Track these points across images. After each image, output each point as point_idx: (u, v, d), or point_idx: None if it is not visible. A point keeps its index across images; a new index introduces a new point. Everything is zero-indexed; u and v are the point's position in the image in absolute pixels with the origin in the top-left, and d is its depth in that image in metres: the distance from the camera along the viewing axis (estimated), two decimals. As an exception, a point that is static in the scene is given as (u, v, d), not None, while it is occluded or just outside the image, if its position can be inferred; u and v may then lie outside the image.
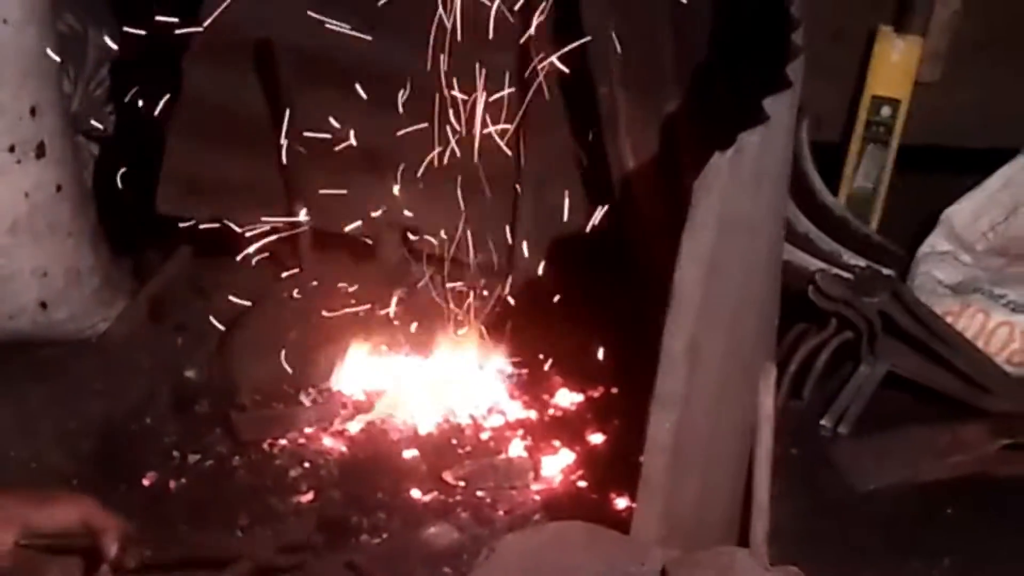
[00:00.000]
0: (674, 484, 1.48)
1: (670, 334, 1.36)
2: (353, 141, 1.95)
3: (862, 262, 2.29)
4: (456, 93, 1.91)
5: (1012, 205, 2.52)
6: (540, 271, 2.06)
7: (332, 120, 1.95)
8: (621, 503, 1.73)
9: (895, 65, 2.47)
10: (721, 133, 1.32)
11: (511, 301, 2.05)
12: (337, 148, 1.95)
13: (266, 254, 2.04)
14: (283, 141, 1.98)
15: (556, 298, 2.02)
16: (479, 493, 1.76)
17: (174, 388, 1.96)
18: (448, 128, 1.93)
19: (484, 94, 1.92)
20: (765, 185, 1.38)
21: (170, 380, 1.98)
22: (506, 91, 1.94)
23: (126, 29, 1.97)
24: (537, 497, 1.77)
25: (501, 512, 1.73)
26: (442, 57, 1.88)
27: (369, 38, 1.91)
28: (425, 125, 1.92)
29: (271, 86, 2.01)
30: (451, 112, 1.93)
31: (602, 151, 2.08)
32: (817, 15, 2.13)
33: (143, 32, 1.89)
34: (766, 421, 1.67)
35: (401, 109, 1.93)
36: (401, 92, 1.94)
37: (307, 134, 1.96)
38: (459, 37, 1.86)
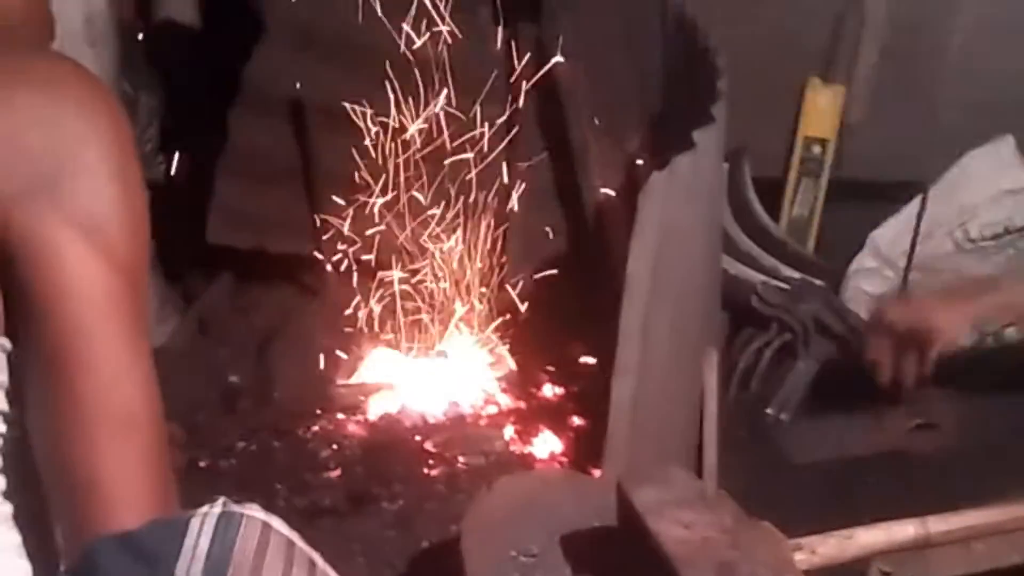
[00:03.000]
0: (634, 440, 1.81)
1: (625, 315, 1.68)
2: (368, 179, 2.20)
3: (798, 275, 2.56)
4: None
5: (927, 230, 2.74)
6: (530, 283, 2.31)
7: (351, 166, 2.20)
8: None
9: (823, 110, 2.75)
10: (661, 159, 1.69)
11: (506, 308, 2.31)
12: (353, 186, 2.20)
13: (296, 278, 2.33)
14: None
15: (543, 306, 2.28)
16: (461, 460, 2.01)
17: (221, 391, 2.21)
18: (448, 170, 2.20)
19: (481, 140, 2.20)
20: (697, 199, 1.75)
21: (217, 385, 2.22)
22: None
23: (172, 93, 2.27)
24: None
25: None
26: (440, 115, 2.16)
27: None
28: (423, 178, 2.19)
29: (301, 135, 2.29)
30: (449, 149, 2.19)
31: (576, 182, 2.37)
32: (755, 69, 2.48)
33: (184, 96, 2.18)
34: (711, 395, 2.02)
35: (407, 154, 2.19)
36: (408, 140, 2.19)
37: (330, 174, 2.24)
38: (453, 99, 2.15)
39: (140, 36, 2.59)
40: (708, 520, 1.46)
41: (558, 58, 2.27)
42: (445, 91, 2.17)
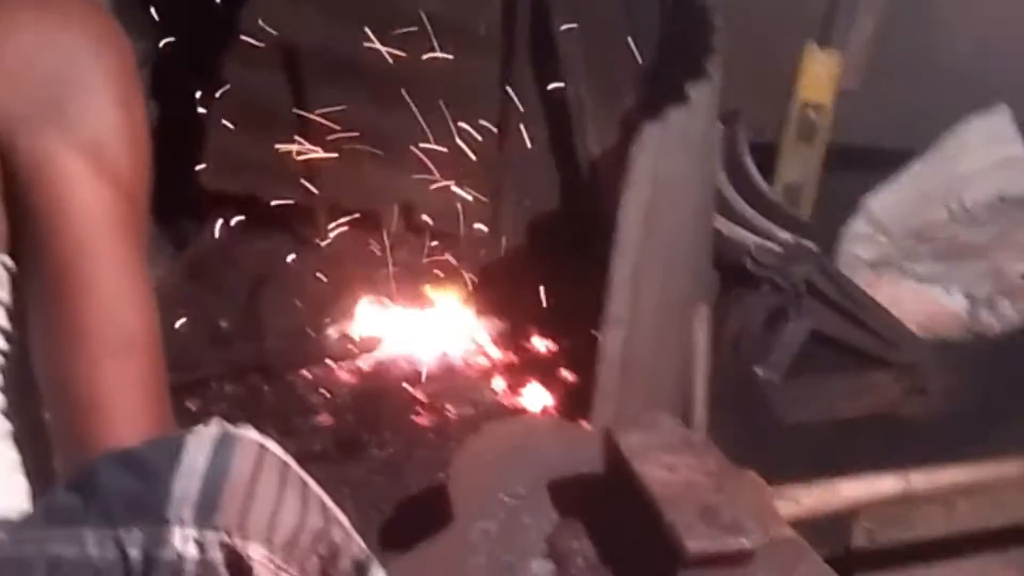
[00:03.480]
0: (623, 392, 1.83)
1: (616, 265, 1.71)
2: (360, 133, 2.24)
3: (791, 238, 2.56)
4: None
5: (921, 196, 2.80)
6: (522, 241, 2.36)
7: (345, 113, 2.24)
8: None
9: (820, 75, 2.72)
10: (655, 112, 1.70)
11: (495, 267, 2.34)
12: (348, 135, 2.23)
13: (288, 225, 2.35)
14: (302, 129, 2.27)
15: (536, 259, 2.31)
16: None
17: (211, 335, 2.23)
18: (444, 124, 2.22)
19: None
20: (690, 152, 1.76)
21: (207, 330, 2.24)
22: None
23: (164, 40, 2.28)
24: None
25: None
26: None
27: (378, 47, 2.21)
28: (422, 120, 2.22)
29: (295, 83, 2.30)
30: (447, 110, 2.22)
31: (572, 142, 2.39)
32: (753, 34, 2.50)
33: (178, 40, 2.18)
34: (701, 351, 2.04)
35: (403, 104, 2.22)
36: (403, 91, 2.22)
37: (323, 122, 2.24)
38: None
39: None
40: (693, 464, 1.47)
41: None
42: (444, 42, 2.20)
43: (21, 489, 1.07)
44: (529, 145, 2.33)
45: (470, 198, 2.30)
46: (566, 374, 2.18)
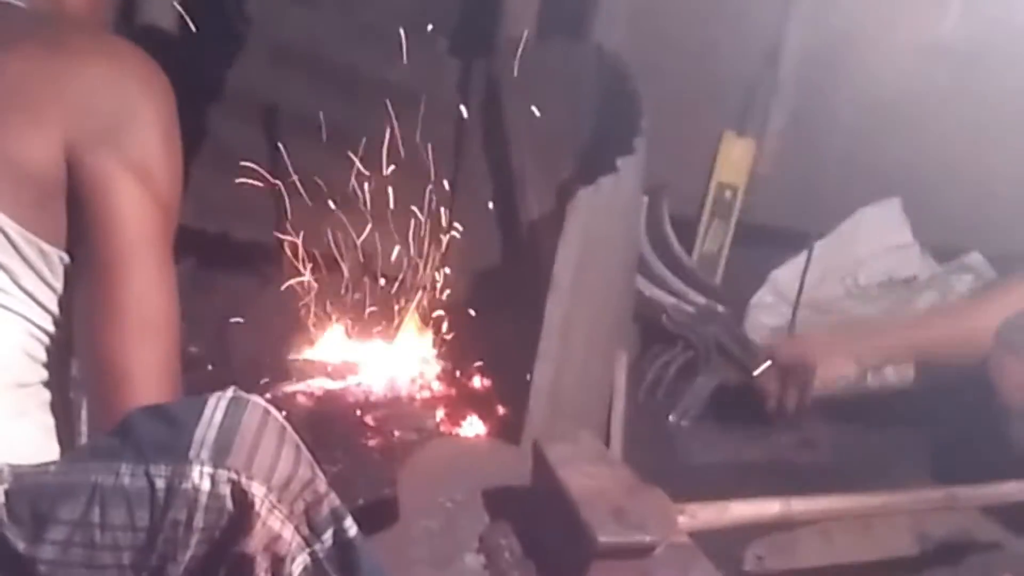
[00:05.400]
0: (550, 422, 2.08)
1: (550, 309, 1.96)
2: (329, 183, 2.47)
3: (705, 301, 2.82)
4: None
5: (821, 275, 3.06)
6: (468, 289, 2.57)
7: (313, 166, 2.47)
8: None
9: (735, 160, 3.04)
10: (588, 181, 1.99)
11: (441, 309, 2.55)
12: (314, 185, 2.45)
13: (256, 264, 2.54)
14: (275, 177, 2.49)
15: (475, 309, 2.51)
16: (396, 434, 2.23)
17: (183, 359, 2.43)
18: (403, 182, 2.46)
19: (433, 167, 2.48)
20: (616, 216, 2.04)
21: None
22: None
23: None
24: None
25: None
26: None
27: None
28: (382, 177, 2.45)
29: (268, 134, 2.54)
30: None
31: (515, 205, 2.63)
32: (678, 120, 2.81)
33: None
34: (620, 393, 2.31)
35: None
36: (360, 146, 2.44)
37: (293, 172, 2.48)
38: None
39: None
40: (607, 474, 1.74)
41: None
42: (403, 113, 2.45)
43: (55, 453, 1.30)
44: (477, 205, 2.58)
45: (423, 248, 2.54)
46: (501, 408, 2.39)
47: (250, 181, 2.48)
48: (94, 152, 1.24)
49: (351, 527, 1.14)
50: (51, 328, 1.28)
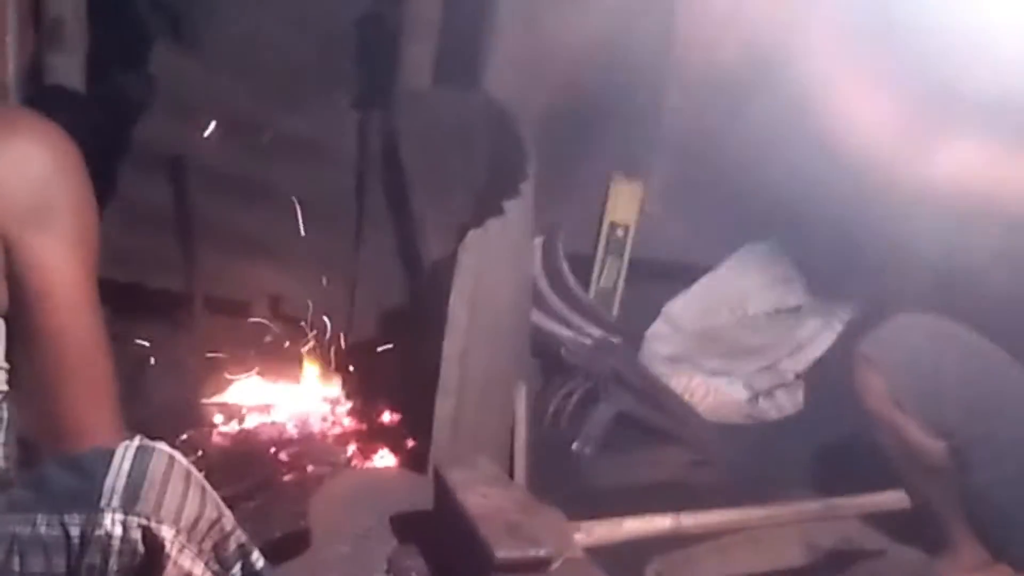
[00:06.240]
0: (455, 452, 2.16)
1: (447, 345, 2.07)
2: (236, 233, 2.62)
3: (601, 333, 2.96)
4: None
5: (711, 304, 3.23)
6: (373, 328, 2.69)
7: (221, 215, 2.61)
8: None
9: (625, 200, 3.16)
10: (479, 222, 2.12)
11: (350, 350, 2.68)
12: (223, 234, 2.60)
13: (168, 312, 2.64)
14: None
15: (382, 348, 2.65)
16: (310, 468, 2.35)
17: None
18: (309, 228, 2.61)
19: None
20: (507, 256, 2.18)
21: None
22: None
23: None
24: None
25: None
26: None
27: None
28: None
29: (179, 188, 2.65)
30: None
31: (416, 248, 2.77)
32: (570, 164, 2.93)
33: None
34: (520, 422, 2.43)
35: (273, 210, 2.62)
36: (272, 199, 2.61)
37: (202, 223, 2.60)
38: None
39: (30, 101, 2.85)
40: (503, 494, 1.83)
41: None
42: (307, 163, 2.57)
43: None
44: (381, 249, 2.70)
45: (329, 291, 2.65)
46: (408, 440, 2.49)
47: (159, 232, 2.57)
48: (26, 227, 1.30)
49: (258, 560, 1.22)
50: (3, 386, 1.36)
